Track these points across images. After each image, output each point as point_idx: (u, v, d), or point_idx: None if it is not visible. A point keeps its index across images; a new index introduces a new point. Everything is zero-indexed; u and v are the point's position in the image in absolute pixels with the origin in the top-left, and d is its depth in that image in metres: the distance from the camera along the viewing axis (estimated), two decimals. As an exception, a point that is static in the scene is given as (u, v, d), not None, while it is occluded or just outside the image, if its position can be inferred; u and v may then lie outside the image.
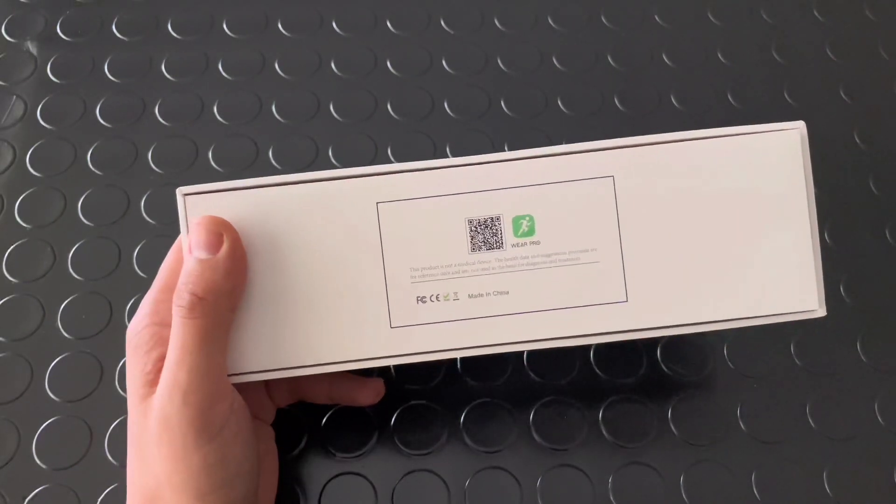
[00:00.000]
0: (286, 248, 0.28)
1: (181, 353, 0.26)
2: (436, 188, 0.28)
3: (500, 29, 0.46)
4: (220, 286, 0.26)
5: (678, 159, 0.28)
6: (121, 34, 0.45)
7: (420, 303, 0.28)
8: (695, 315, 0.29)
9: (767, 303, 0.29)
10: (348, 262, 0.28)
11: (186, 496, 0.26)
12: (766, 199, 0.29)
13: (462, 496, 0.31)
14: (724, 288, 0.29)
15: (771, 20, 0.46)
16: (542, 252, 0.29)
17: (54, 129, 0.41)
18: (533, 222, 0.28)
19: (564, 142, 0.41)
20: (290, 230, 0.28)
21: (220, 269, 0.26)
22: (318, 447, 0.32)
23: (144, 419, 0.26)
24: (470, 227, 0.28)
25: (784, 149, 0.29)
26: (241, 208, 0.28)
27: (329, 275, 0.28)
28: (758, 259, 0.29)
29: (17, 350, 0.35)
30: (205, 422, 0.26)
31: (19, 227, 0.38)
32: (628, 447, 0.32)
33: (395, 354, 0.29)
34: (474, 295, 0.29)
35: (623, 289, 0.29)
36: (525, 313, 0.29)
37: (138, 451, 0.27)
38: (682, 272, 0.29)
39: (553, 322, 0.29)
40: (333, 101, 0.42)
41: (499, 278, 0.29)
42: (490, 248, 0.28)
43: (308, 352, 0.28)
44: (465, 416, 0.33)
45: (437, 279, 0.28)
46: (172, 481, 0.26)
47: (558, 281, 0.29)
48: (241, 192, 0.28)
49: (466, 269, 0.28)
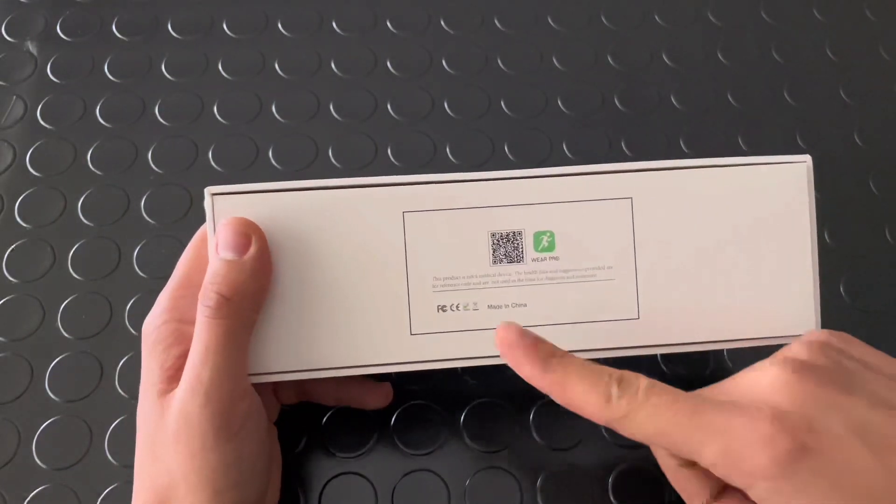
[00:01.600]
0: (311, 252, 0.28)
1: (205, 352, 0.26)
2: (462, 201, 0.29)
3: (500, 29, 0.46)
4: (246, 287, 0.27)
5: (692, 185, 0.30)
6: (121, 34, 0.45)
7: (440, 311, 0.29)
8: (701, 335, 0.30)
9: (769, 325, 0.30)
10: (372, 268, 0.29)
11: (203, 494, 0.26)
12: (772, 227, 0.30)
13: (462, 496, 0.31)
14: (730, 310, 0.30)
15: (771, 20, 0.46)
16: (560, 267, 0.29)
17: (54, 129, 0.41)
18: (553, 238, 0.29)
19: (565, 142, 0.41)
20: (315, 234, 0.28)
21: (246, 270, 0.27)
22: (318, 447, 0.32)
23: (161, 416, 0.26)
24: (492, 240, 0.29)
25: (791, 180, 0.30)
26: (269, 211, 0.28)
27: (352, 280, 0.29)
28: (762, 283, 0.30)
29: (17, 350, 0.35)
30: (225, 421, 0.26)
31: (19, 227, 0.38)
32: (628, 447, 0.32)
33: (414, 361, 0.29)
34: (494, 306, 0.29)
35: (635, 306, 0.30)
36: (541, 326, 0.29)
37: (151, 447, 0.27)
38: (691, 292, 0.30)
39: (568, 336, 0.30)
40: (333, 101, 0.42)
41: (518, 291, 0.29)
42: (511, 261, 0.29)
43: (328, 355, 0.29)
44: (465, 416, 0.33)
45: (459, 289, 0.29)
46: (189, 479, 0.26)
47: (574, 296, 0.30)
48: (269, 194, 0.28)
49: (487, 281, 0.29)
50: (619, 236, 0.30)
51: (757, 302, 0.30)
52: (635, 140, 0.41)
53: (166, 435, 0.26)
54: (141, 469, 0.27)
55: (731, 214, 0.30)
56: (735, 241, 0.30)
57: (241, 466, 0.27)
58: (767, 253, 0.30)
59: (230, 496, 0.26)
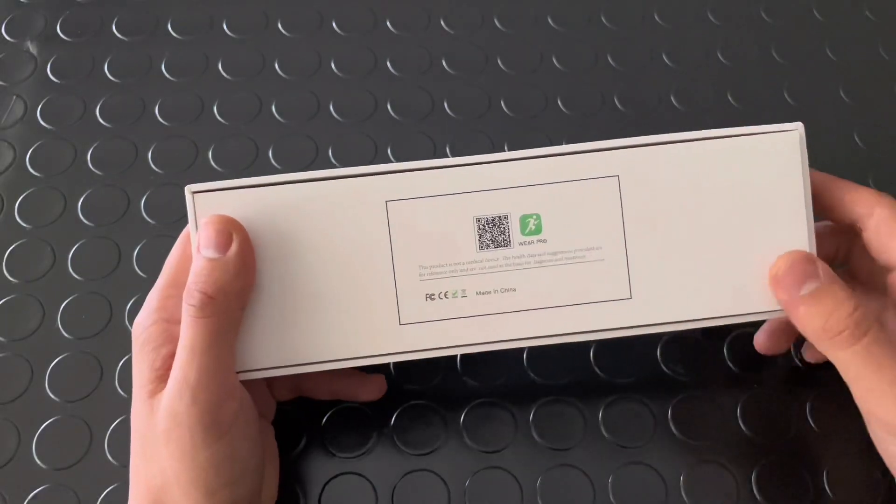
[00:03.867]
0: (295, 246, 0.28)
1: (191, 352, 0.26)
2: (445, 187, 0.28)
3: (500, 29, 0.46)
4: (229, 285, 0.27)
5: (681, 159, 0.29)
6: (121, 34, 0.45)
7: (429, 300, 0.29)
8: (696, 311, 0.29)
9: (764, 300, 0.29)
10: (358, 259, 0.28)
11: (195, 493, 0.26)
12: (765, 198, 0.29)
13: (462, 496, 0.31)
14: (725, 285, 0.29)
15: (771, 20, 0.46)
16: (548, 250, 0.29)
17: (54, 129, 0.41)
18: (540, 221, 0.29)
19: (565, 141, 0.41)
20: (299, 228, 0.28)
21: (229, 268, 0.27)
22: (318, 447, 0.32)
23: (151, 416, 0.26)
24: (478, 225, 0.29)
25: (783, 149, 0.29)
26: (250, 206, 0.28)
27: (338, 272, 0.28)
28: (757, 257, 0.29)
29: (17, 350, 0.35)
30: (213, 420, 0.26)
31: (19, 227, 0.38)
32: (628, 447, 0.32)
33: (404, 351, 0.29)
34: (482, 292, 0.29)
35: (627, 286, 0.29)
36: (532, 310, 0.29)
37: (143, 447, 0.27)
38: (684, 269, 0.29)
39: (559, 318, 0.29)
40: (333, 101, 0.42)
41: (506, 276, 0.29)
42: (498, 245, 0.29)
43: (317, 349, 0.29)
44: (465, 416, 0.33)
45: (446, 276, 0.29)
46: (180, 479, 0.26)
47: (564, 278, 0.29)
48: (250, 190, 0.28)
49: (474, 267, 0.29)
50: (608, 216, 0.29)
51: (754, 277, 0.29)
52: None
53: (157, 435, 0.26)
54: (136, 470, 0.27)
55: (722, 187, 0.29)
56: (727, 214, 0.29)
57: (233, 464, 0.27)
58: (762, 225, 0.29)
59: (223, 494, 0.26)
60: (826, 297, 0.27)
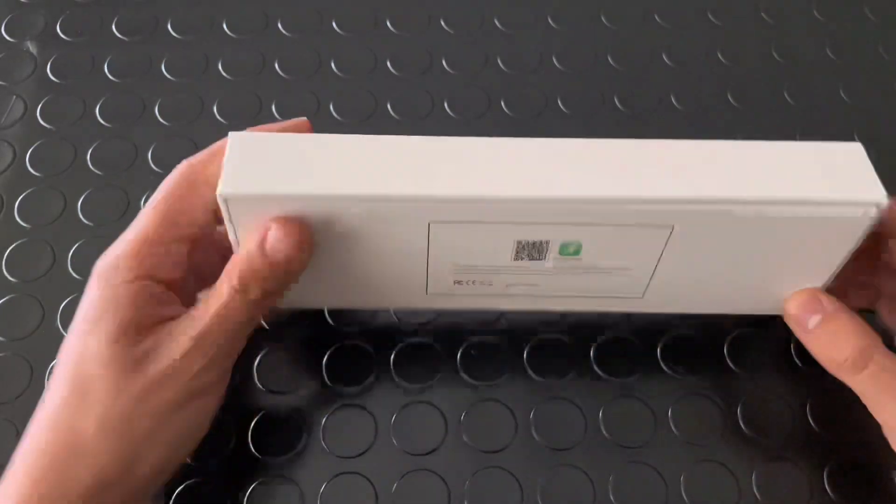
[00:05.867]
0: (336, 248, 0.29)
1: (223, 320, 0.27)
2: (488, 216, 0.28)
3: (500, 29, 0.46)
4: (283, 287, 0.28)
5: (744, 217, 0.27)
6: (121, 34, 0.45)
7: (456, 284, 0.31)
8: (701, 308, 0.33)
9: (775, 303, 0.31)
10: (396, 263, 0.30)
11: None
12: (807, 252, 0.29)
13: (462, 496, 0.31)
14: (737, 300, 0.32)
15: (771, 20, 0.46)
16: (581, 265, 0.30)
17: (54, 129, 0.41)
18: (580, 247, 0.29)
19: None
20: (342, 236, 0.28)
21: (292, 271, 0.28)
22: (318, 447, 0.32)
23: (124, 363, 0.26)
24: (517, 245, 0.29)
25: (849, 223, 0.27)
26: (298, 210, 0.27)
27: (376, 270, 0.30)
28: (776, 292, 0.31)
29: (17, 350, 0.35)
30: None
31: (19, 227, 0.38)
32: (628, 447, 0.32)
33: (427, 307, 0.34)
34: (508, 284, 0.31)
35: (643, 291, 0.31)
36: (550, 297, 0.32)
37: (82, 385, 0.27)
38: (702, 287, 0.31)
39: (572, 303, 0.32)
40: (333, 101, 0.42)
41: (534, 277, 0.30)
42: (532, 259, 0.29)
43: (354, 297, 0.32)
44: (464, 415, 0.33)
45: (477, 273, 0.30)
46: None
47: (586, 281, 0.31)
48: (300, 197, 0.27)
49: (505, 269, 0.30)
50: (649, 250, 0.29)
51: (765, 298, 0.31)
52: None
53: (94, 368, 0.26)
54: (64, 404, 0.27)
55: (771, 241, 0.28)
56: (764, 257, 0.29)
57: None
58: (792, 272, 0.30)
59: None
60: (831, 325, 0.29)
